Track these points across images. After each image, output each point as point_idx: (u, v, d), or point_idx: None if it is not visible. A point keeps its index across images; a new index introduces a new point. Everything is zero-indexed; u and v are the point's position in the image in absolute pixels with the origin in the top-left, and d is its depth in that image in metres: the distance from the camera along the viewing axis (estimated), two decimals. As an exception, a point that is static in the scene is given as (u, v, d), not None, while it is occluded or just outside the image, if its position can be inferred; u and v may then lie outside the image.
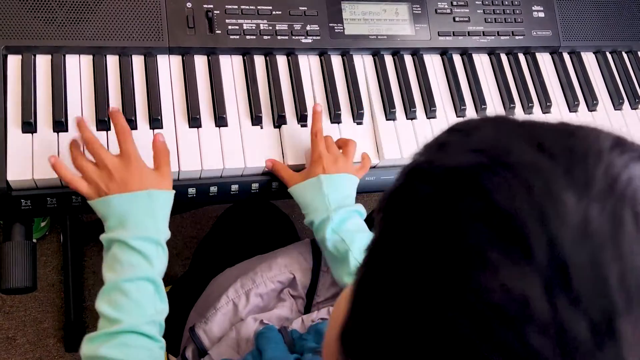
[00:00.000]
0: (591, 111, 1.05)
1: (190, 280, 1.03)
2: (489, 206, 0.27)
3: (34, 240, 1.45)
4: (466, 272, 0.26)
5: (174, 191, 0.72)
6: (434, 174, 0.30)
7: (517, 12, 1.04)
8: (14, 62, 0.78)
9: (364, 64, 0.95)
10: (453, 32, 0.99)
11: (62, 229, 1.50)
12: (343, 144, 0.85)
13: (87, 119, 0.78)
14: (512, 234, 0.26)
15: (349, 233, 0.77)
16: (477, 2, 1.01)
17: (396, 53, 0.97)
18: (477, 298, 0.25)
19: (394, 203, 0.32)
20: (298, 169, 0.84)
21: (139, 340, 0.63)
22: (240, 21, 0.87)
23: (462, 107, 0.96)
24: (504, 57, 1.04)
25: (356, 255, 0.75)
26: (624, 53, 1.12)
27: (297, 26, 0.90)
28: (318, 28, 0.91)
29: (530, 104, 1.00)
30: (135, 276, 0.65)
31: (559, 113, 1.03)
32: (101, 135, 0.78)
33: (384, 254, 0.30)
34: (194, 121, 0.82)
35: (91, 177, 0.68)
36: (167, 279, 1.59)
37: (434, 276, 0.27)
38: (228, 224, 1.03)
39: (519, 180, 0.27)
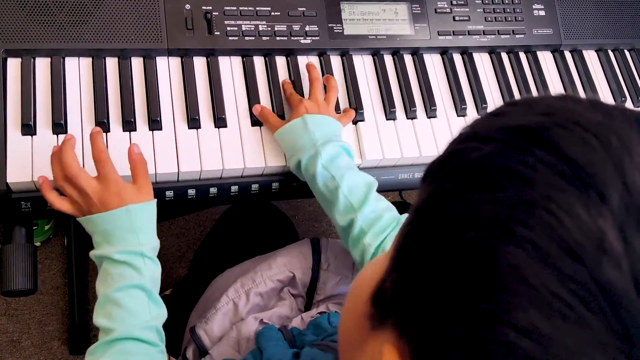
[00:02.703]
0: (593, 109, 1.04)
1: (191, 283, 1.03)
2: (559, 155, 0.27)
3: (38, 243, 1.46)
4: (531, 212, 0.26)
5: (154, 200, 0.72)
6: (495, 133, 0.30)
7: (518, 10, 1.03)
8: (13, 65, 0.78)
9: (363, 64, 0.95)
10: (453, 31, 0.99)
11: (66, 232, 1.50)
12: (327, 90, 0.87)
13: (86, 121, 0.79)
14: (586, 180, 0.26)
15: (339, 170, 0.76)
16: (477, 1, 1.01)
17: (396, 53, 0.96)
18: (545, 235, 0.25)
19: (447, 164, 0.31)
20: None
21: (136, 346, 0.64)
22: (239, 22, 0.87)
23: (463, 107, 0.95)
24: (504, 56, 1.03)
25: (345, 192, 0.74)
26: (626, 51, 1.12)
27: (296, 27, 0.90)
28: (317, 28, 0.91)
29: (531, 103, 0.99)
30: (125, 285, 0.66)
31: (560, 111, 1.02)
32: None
33: (437, 211, 0.30)
34: (193, 122, 0.82)
35: (73, 198, 0.70)
36: (170, 281, 1.60)
37: (492, 221, 0.27)
38: (228, 225, 1.03)
39: (591, 134, 0.27)
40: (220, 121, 0.83)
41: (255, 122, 0.85)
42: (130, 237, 0.68)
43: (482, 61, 1.02)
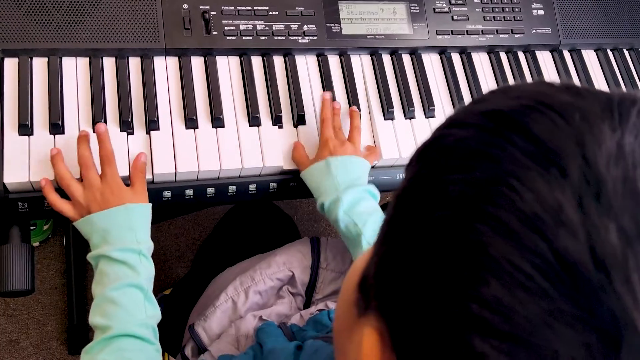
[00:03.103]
0: (592, 109, 1.04)
1: (191, 282, 1.03)
2: (526, 136, 0.28)
3: (37, 244, 1.46)
4: (497, 189, 0.27)
5: (150, 204, 0.74)
6: (471, 119, 0.31)
7: (517, 10, 1.03)
8: (10, 65, 0.78)
9: (361, 64, 0.94)
10: (451, 30, 0.99)
11: (65, 232, 1.50)
12: (350, 130, 0.86)
13: (83, 121, 0.79)
14: (549, 156, 0.27)
15: (361, 216, 0.76)
16: (475, 1, 1.01)
17: (394, 52, 0.96)
18: (507, 210, 0.26)
19: (425, 151, 0.33)
20: (293, 170, 0.84)
21: (134, 344, 0.64)
22: (236, 22, 0.87)
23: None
24: (503, 55, 1.03)
25: (369, 239, 0.74)
26: (625, 50, 1.12)
27: (294, 26, 0.90)
28: (315, 28, 0.91)
29: (530, 103, 0.99)
30: (121, 284, 0.66)
31: (559, 111, 1.02)
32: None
33: (412, 194, 0.31)
34: (191, 122, 0.82)
35: (76, 197, 0.71)
36: (169, 281, 1.60)
37: (463, 200, 0.28)
38: (230, 225, 1.03)
39: (558, 114, 0.28)
40: (217, 121, 0.83)
41: (253, 122, 0.85)
42: (128, 234, 0.69)
43: (481, 61, 1.01)
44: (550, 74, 1.04)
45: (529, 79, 1.02)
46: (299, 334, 0.73)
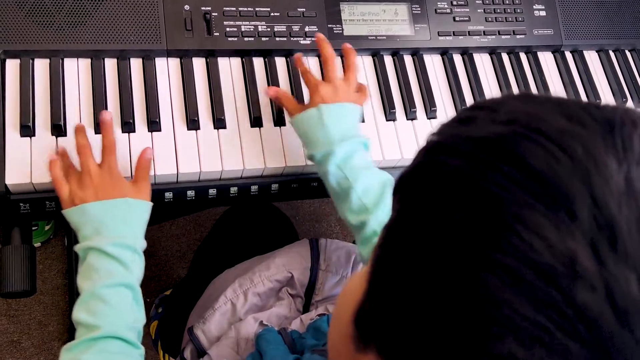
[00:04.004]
0: (594, 110, 1.04)
1: (191, 283, 1.03)
2: (526, 171, 0.26)
3: (39, 244, 1.46)
4: (504, 235, 0.25)
5: (151, 203, 0.72)
6: (461, 146, 0.29)
7: (518, 11, 1.03)
8: (12, 67, 0.78)
9: (363, 65, 0.94)
10: (453, 31, 0.98)
11: (66, 232, 1.50)
12: (345, 69, 0.81)
13: (85, 122, 0.78)
14: (554, 196, 0.25)
15: (353, 170, 0.72)
16: (477, 2, 1.01)
17: (396, 53, 0.96)
18: (518, 259, 0.25)
19: (415, 180, 0.31)
20: (296, 171, 0.84)
21: (120, 347, 0.62)
22: (238, 23, 0.87)
23: (464, 107, 0.95)
24: (505, 56, 1.03)
25: (359, 193, 0.71)
26: (627, 51, 1.11)
27: (296, 27, 0.90)
28: (317, 29, 0.91)
29: (531, 104, 0.99)
30: (113, 282, 0.64)
31: (561, 112, 1.02)
32: (99, 139, 0.78)
33: (406, 231, 0.29)
34: (193, 123, 0.82)
35: (72, 182, 0.69)
36: (170, 281, 1.59)
37: (467, 245, 0.26)
38: (228, 225, 1.03)
39: (557, 146, 0.27)
40: (219, 122, 0.83)
41: (255, 123, 0.85)
42: (125, 229, 0.67)
43: (483, 62, 1.01)
44: (552, 75, 1.04)
45: (530, 80, 1.02)
46: (298, 341, 0.72)
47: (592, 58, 1.09)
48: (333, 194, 0.76)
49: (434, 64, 0.98)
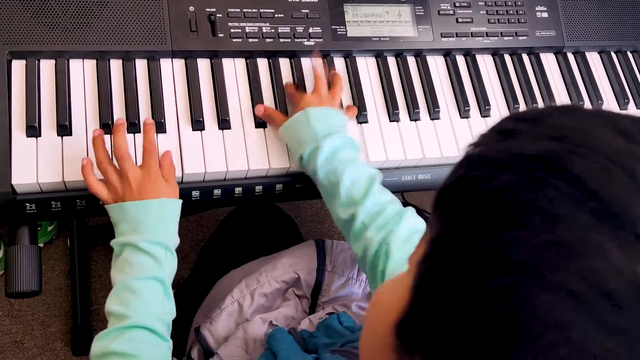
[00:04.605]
0: (596, 111, 1.05)
1: (194, 283, 1.03)
2: (585, 191, 0.26)
3: (42, 244, 1.46)
4: (566, 256, 0.24)
5: (181, 200, 0.74)
6: (510, 161, 0.28)
7: (521, 12, 1.03)
8: (18, 67, 0.79)
9: (367, 66, 0.95)
10: (456, 33, 0.99)
11: (69, 233, 1.50)
12: (332, 85, 0.86)
13: (90, 122, 0.79)
14: (616, 217, 0.25)
15: (340, 163, 0.74)
16: (479, 3, 1.01)
17: (399, 54, 0.97)
18: (582, 282, 0.24)
19: (461, 195, 0.29)
20: (299, 171, 0.85)
21: (149, 337, 0.64)
22: (242, 24, 0.88)
23: (466, 108, 0.95)
24: (507, 57, 1.03)
25: (347, 185, 0.73)
26: (628, 53, 1.12)
27: (300, 29, 0.90)
28: (320, 30, 0.91)
29: (534, 105, 0.99)
30: (144, 275, 0.66)
31: (563, 113, 1.02)
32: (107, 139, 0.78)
33: (456, 248, 0.28)
34: (197, 124, 0.82)
35: (112, 182, 0.71)
36: (173, 282, 1.59)
37: (524, 264, 0.25)
38: (232, 226, 1.03)
39: (612, 163, 0.26)
40: (224, 123, 0.83)
41: (259, 123, 0.85)
42: (159, 228, 0.69)
43: (485, 63, 1.02)
44: (554, 76, 1.05)
45: (533, 81, 1.02)
46: (310, 340, 0.73)
47: (594, 59, 1.09)
48: (324, 192, 0.77)
49: (437, 65, 0.99)
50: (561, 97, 1.03)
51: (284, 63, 0.91)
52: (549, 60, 1.06)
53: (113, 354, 0.61)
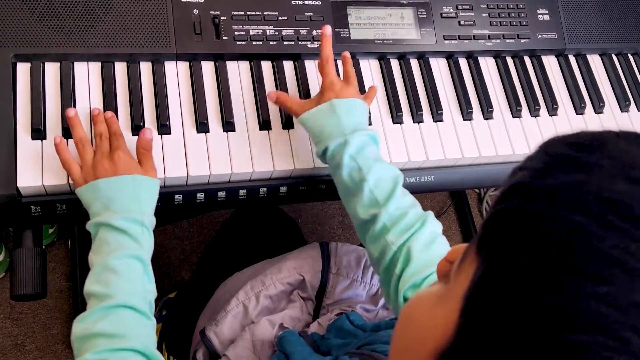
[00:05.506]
0: (598, 113, 1.05)
1: (196, 285, 1.03)
2: None
3: (44, 247, 1.46)
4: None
5: (158, 180, 0.73)
6: (581, 202, 0.26)
7: (522, 15, 1.04)
8: (23, 70, 0.79)
9: (370, 68, 0.95)
10: (458, 35, 0.99)
11: (70, 235, 1.50)
12: (345, 75, 0.84)
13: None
14: None
15: (366, 161, 0.73)
16: (482, 6, 1.02)
17: (402, 57, 0.97)
18: None
19: (519, 229, 0.27)
20: (303, 173, 0.85)
21: (134, 316, 0.62)
22: (246, 27, 0.88)
23: (469, 111, 0.96)
24: (509, 60, 1.04)
25: (371, 186, 0.71)
26: (629, 55, 1.12)
27: (303, 31, 0.91)
28: (324, 33, 0.91)
29: (536, 107, 1.00)
30: (123, 254, 0.65)
31: (565, 116, 1.03)
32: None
33: (519, 294, 0.26)
34: (202, 126, 0.82)
35: (86, 159, 0.71)
36: (173, 284, 1.60)
37: (603, 325, 0.24)
38: (234, 228, 1.03)
39: None
40: (228, 125, 0.84)
41: (264, 126, 0.85)
42: (133, 204, 0.68)
43: (488, 65, 1.02)
44: (556, 79, 1.05)
45: (535, 84, 1.03)
46: (322, 342, 0.73)
47: (595, 62, 1.10)
48: (343, 188, 0.76)
49: (439, 67, 0.99)
50: (563, 99, 1.03)
51: (288, 65, 0.91)
52: (550, 63, 1.06)
53: (99, 335, 0.59)
